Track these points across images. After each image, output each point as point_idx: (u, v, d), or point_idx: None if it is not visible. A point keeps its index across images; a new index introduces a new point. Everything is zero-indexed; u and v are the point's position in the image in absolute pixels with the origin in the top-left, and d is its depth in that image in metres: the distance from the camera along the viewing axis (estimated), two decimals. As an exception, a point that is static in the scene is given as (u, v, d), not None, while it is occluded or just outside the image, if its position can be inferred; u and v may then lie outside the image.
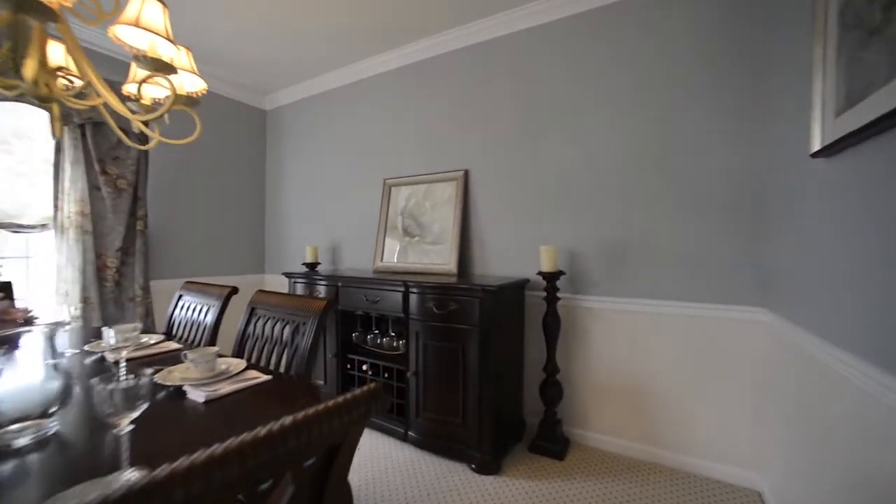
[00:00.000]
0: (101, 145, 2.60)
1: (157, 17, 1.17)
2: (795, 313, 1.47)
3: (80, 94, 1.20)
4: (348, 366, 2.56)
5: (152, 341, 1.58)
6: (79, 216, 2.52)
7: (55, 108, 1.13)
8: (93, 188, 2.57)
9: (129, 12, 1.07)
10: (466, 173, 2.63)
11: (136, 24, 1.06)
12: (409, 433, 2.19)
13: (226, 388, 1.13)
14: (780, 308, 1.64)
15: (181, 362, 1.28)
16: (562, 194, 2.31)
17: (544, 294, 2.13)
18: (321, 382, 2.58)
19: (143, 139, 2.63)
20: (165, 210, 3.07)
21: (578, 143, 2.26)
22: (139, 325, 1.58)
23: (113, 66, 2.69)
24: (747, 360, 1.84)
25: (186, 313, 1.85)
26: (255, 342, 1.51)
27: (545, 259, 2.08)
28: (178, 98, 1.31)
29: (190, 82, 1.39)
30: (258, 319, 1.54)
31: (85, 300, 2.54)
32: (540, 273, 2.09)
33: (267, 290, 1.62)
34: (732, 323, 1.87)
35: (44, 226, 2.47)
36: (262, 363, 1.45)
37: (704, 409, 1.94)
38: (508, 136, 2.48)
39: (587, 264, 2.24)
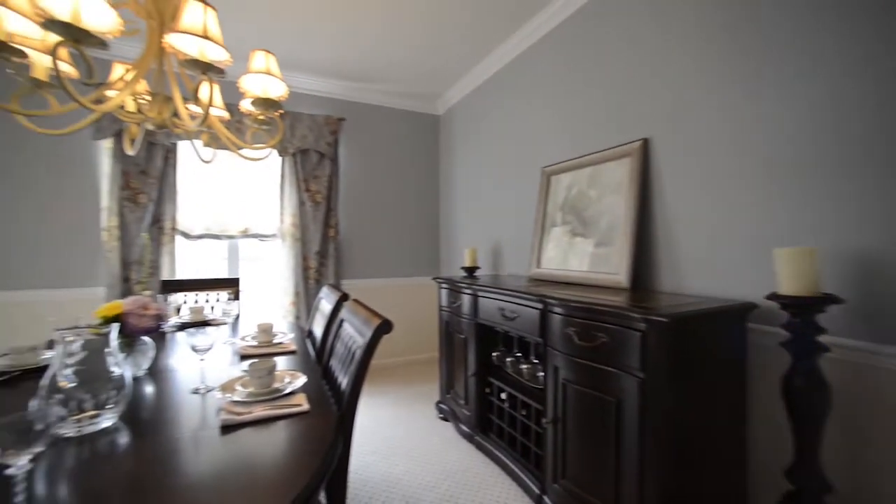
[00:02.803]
0: (305, 168, 3.18)
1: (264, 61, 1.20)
2: None
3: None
4: (487, 389, 2.19)
5: (281, 339, 1.68)
6: (292, 227, 3.14)
7: (132, 128, 1.26)
8: (300, 203, 3.17)
9: (189, 20, 1.07)
10: (645, 144, 1.82)
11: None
12: (545, 499, 1.63)
13: (257, 412, 0.99)
14: None
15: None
16: (816, 161, 1.24)
17: (788, 335, 1.17)
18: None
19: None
20: (353, 219, 3.52)
21: (837, 78, 1.15)
22: (272, 324, 1.71)
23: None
24: None
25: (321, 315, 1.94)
26: (333, 356, 1.36)
27: (788, 271, 1.13)
28: (265, 102, 1.29)
29: (275, 87, 1.35)
30: (342, 333, 1.39)
31: (296, 294, 3.15)
32: (775, 297, 1.16)
33: (357, 299, 1.46)
34: None
35: (273, 235, 3.21)
36: (336, 380, 1.28)
37: None
38: (713, 82, 1.55)
39: (904, 284, 1.11)
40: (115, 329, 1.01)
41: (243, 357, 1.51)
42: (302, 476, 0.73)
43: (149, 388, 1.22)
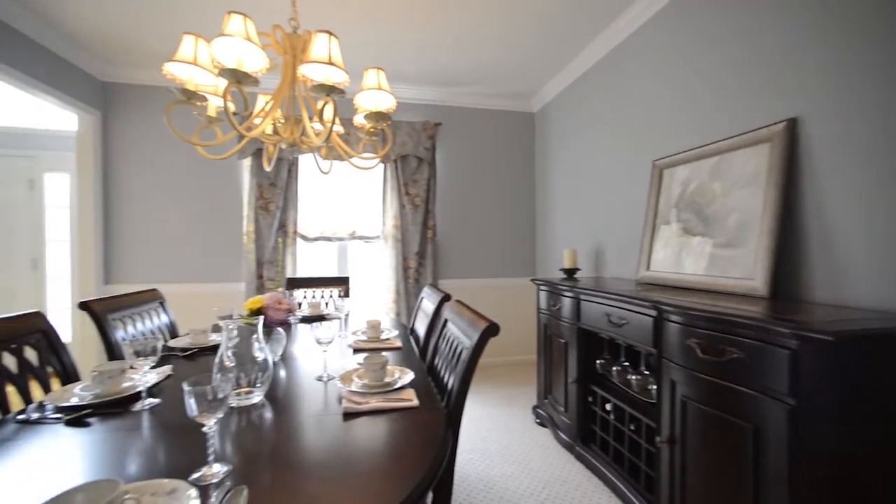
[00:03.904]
0: (406, 173, 3.36)
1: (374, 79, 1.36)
2: None
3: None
4: (590, 398, 2.07)
5: (388, 335, 1.81)
6: (393, 229, 3.36)
7: (269, 148, 1.44)
8: (401, 207, 3.37)
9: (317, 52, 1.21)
10: (792, 125, 1.53)
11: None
12: (661, 527, 1.48)
13: (373, 403, 1.08)
14: None
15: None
16: None
17: None
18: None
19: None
20: (450, 220, 3.62)
21: None
22: (380, 321, 1.85)
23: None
24: None
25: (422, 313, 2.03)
26: (440, 356, 1.41)
27: None
28: (377, 115, 1.40)
29: (384, 101, 1.45)
30: (446, 332, 1.44)
31: (397, 292, 3.36)
32: None
33: (460, 300, 1.49)
34: None
35: (377, 237, 3.46)
36: (440, 379, 1.33)
37: None
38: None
39: None
40: (261, 320, 1.19)
41: (356, 350, 1.65)
42: (418, 468, 0.77)
43: (282, 373, 1.41)
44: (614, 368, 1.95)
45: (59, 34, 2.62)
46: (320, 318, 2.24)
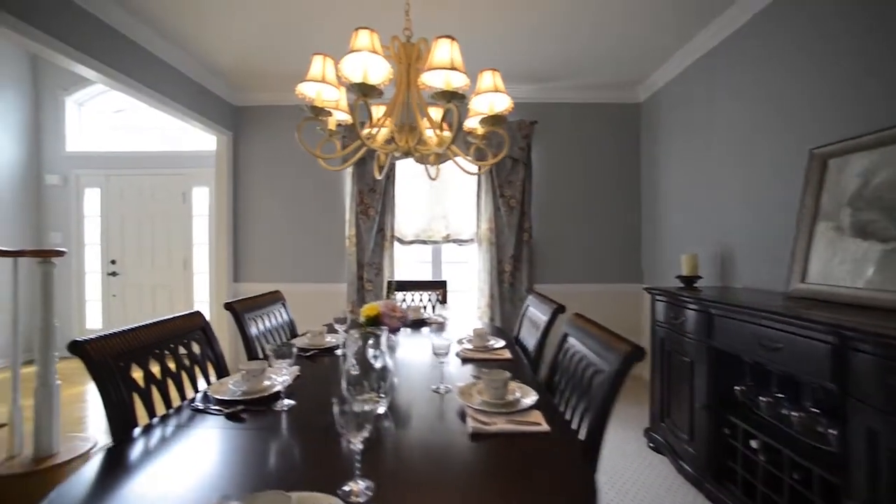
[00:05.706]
0: (500, 174, 3.28)
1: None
2: None
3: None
4: (727, 430, 1.77)
5: (495, 345, 1.74)
6: (488, 231, 3.30)
7: (381, 156, 1.44)
8: (496, 209, 3.30)
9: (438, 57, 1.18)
10: None
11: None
12: None
13: (500, 424, 1.01)
14: None
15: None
16: None
17: None
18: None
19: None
20: (546, 222, 3.45)
21: None
22: (486, 329, 1.79)
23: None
24: None
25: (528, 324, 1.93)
26: (562, 375, 1.30)
27: None
28: (493, 119, 1.35)
29: (500, 102, 1.38)
30: (569, 349, 1.32)
31: (491, 296, 3.29)
32: None
33: (585, 316, 1.36)
34: None
35: (471, 240, 3.43)
36: (563, 400, 1.22)
37: None
38: None
39: None
40: (385, 332, 1.20)
41: (464, 360, 1.61)
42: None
43: (395, 380, 1.42)
44: (762, 399, 1.64)
45: (205, 69, 3.05)
46: (421, 322, 2.27)
